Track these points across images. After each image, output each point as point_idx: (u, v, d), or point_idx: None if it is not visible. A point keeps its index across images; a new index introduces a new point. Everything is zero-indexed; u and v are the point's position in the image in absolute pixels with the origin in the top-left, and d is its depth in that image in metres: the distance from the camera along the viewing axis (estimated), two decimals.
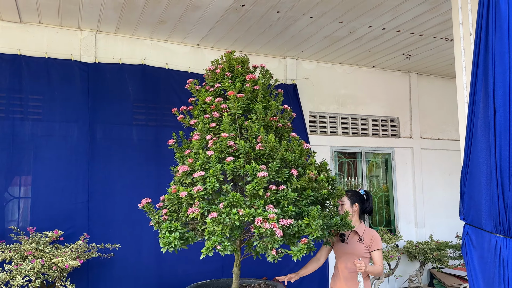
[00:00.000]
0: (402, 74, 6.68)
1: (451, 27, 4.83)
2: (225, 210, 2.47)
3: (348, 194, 3.43)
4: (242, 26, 4.75)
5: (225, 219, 2.46)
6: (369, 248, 3.33)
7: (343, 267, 3.38)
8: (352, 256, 3.33)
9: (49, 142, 4.43)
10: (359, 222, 3.43)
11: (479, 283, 2.55)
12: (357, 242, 3.35)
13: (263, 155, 2.74)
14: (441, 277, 6.15)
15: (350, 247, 3.36)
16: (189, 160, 2.72)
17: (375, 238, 3.34)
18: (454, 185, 6.78)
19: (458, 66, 2.90)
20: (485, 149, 2.47)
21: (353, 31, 4.96)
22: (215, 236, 2.47)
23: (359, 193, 3.47)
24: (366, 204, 3.45)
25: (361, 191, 3.50)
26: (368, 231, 3.39)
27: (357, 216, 3.43)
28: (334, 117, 6.14)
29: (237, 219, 2.43)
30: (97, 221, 4.48)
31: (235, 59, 3.21)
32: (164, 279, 4.68)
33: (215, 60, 3.30)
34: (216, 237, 2.46)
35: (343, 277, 3.36)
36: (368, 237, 3.35)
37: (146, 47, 5.08)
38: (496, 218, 2.40)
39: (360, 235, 3.36)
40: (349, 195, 3.43)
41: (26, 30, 4.55)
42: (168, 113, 4.97)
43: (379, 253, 3.32)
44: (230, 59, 3.20)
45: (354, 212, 3.41)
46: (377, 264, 3.29)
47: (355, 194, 3.46)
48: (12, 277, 3.43)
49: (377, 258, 3.31)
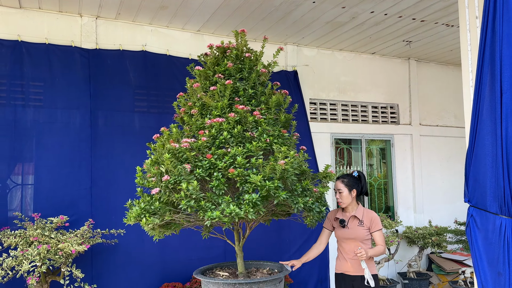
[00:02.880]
0: (401, 61, 6.68)
1: (452, 13, 4.84)
2: None
3: (344, 181, 3.44)
4: (244, 12, 4.73)
5: None
6: (370, 229, 3.38)
7: (347, 250, 3.42)
8: (354, 241, 3.38)
9: (51, 129, 4.42)
10: (357, 205, 3.48)
11: (483, 264, 2.59)
12: (358, 226, 3.39)
13: None
14: (440, 261, 6.24)
15: (351, 231, 3.40)
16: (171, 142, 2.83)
17: (374, 219, 3.39)
18: (453, 171, 6.86)
19: (463, 49, 2.91)
20: (491, 131, 2.49)
21: (355, 17, 4.94)
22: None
23: (354, 177, 3.48)
24: (361, 185, 3.48)
25: (354, 173, 3.52)
26: (366, 213, 3.43)
27: (355, 200, 3.47)
28: (334, 104, 6.16)
29: None
30: (100, 207, 4.50)
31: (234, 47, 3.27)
32: (167, 264, 4.71)
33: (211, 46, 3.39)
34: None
35: (348, 260, 3.41)
36: (368, 219, 3.40)
37: (147, 33, 5.04)
38: (501, 199, 2.44)
39: (360, 219, 3.40)
40: (346, 182, 3.43)
41: (26, 15, 4.50)
42: (169, 99, 4.96)
43: (380, 233, 3.37)
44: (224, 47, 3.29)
45: (352, 198, 3.44)
46: (379, 244, 3.35)
47: (351, 179, 3.46)
48: (18, 263, 3.45)
49: (378, 239, 3.36)
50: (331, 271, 5.62)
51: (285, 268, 3.14)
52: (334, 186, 3.52)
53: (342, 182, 3.44)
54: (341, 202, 3.45)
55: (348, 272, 3.41)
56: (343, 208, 3.50)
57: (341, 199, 3.43)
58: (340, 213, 3.52)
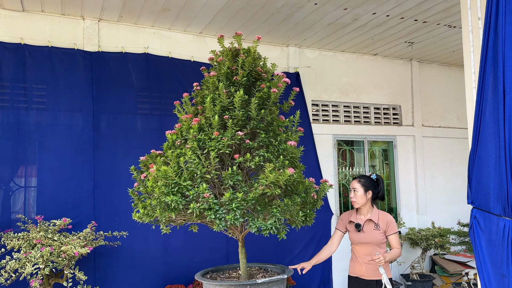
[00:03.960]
0: (404, 62, 6.68)
1: (455, 14, 4.83)
2: None
3: (361, 181, 3.40)
4: (246, 13, 4.73)
5: None
6: (386, 232, 3.35)
7: (362, 254, 3.37)
8: (371, 245, 3.33)
9: (54, 132, 4.43)
10: (371, 208, 3.43)
11: (487, 266, 2.58)
12: (374, 230, 3.34)
13: None
14: (443, 263, 6.22)
15: (367, 235, 3.35)
16: None
17: (390, 222, 3.35)
18: (455, 173, 6.85)
19: (466, 51, 2.91)
20: (494, 133, 2.49)
21: (356, 18, 4.94)
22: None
23: (371, 179, 3.45)
24: (378, 189, 3.44)
25: (372, 176, 3.48)
26: (382, 215, 3.39)
27: (370, 202, 3.43)
28: (336, 106, 6.15)
29: None
30: (102, 209, 4.50)
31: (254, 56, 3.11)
32: (170, 266, 4.72)
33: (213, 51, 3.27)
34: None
35: (364, 264, 3.37)
36: (384, 222, 3.35)
37: (149, 35, 5.06)
38: (505, 201, 2.43)
39: (375, 222, 3.35)
40: (362, 182, 3.40)
41: (29, 18, 4.52)
42: (172, 102, 4.93)
43: (396, 236, 3.34)
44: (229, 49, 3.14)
45: (367, 200, 3.40)
46: (395, 247, 3.32)
47: (368, 180, 3.43)
48: (21, 265, 3.46)
49: (394, 242, 3.34)
50: (334, 272, 5.62)
51: (287, 270, 3.13)
52: (350, 185, 3.50)
53: (359, 182, 3.41)
54: (354, 202, 3.39)
55: (363, 276, 3.37)
56: (357, 209, 3.47)
57: (355, 199, 3.38)
58: (354, 215, 3.46)
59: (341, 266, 5.58)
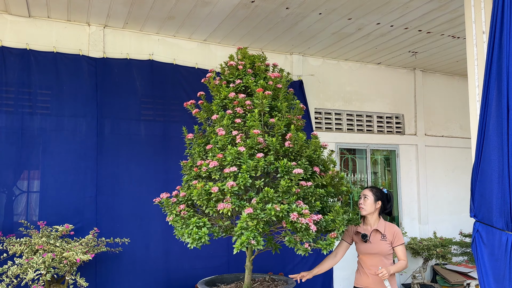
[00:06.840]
0: (407, 71, 6.69)
1: (459, 25, 4.84)
2: (259, 206, 2.50)
3: (373, 190, 3.44)
4: (251, 22, 4.76)
5: (260, 214, 2.48)
6: (392, 244, 3.34)
7: (369, 265, 3.36)
8: (377, 256, 3.33)
9: (58, 137, 4.45)
10: (378, 219, 3.44)
11: (489, 280, 2.58)
12: (380, 241, 3.34)
13: (292, 153, 2.78)
14: (444, 273, 6.19)
15: (374, 246, 3.35)
16: (218, 155, 2.73)
17: (397, 234, 3.36)
18: (458, 182, 6.83)
19: (470, 64, 2.91)
20: (498, 147, 2.49)
21: (361, 28, 4.96)
22: (248, 231, 2.49)
23: (383, 192, 3.47)
24: (388, 204, 3.46)
25: (384, 190, 3.50)
26: (388, 226, 3.40)
27: (378, 213, 3.44)
28: (339, 114, 6.16)
29: (273, 214, 2.46)
30: (105, 215, 4.51)
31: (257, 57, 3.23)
32: (172, 273, 4.71)
33: (230, 55, 3.31)
34: (249, 232, 2.48)
35: (370, 275, 3.36)
36: (390, 233, 3.36)
37: (154, 42, 5.08)
38: (508, 215, 2.43)
39: (382, 233, 3.35)
40: (374, 191, 3.43)
41: (35, 24, 4.55)
42: (176, 108, 4.99)
43: (402, 248, 3.34)
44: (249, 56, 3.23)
45: (375, 209, 3.41)
46: (401, 259, 3.31)
47: (379, 191, 3.46)
48: (23, 271, 3.46)
49: (400, 253, 3.33)
50: (335, 280, 5.60)
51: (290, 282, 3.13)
52: (361, 193, 3.51)
53: (371, 190, 3.44)
54: (363, 208, 3.40)
55: (369, 287, 3.37)
56: (363, 220, 3.47)
57: (364, 205, 3.39)
58: (361, 226, 3.46)
59: (343, 275, 5.57)
